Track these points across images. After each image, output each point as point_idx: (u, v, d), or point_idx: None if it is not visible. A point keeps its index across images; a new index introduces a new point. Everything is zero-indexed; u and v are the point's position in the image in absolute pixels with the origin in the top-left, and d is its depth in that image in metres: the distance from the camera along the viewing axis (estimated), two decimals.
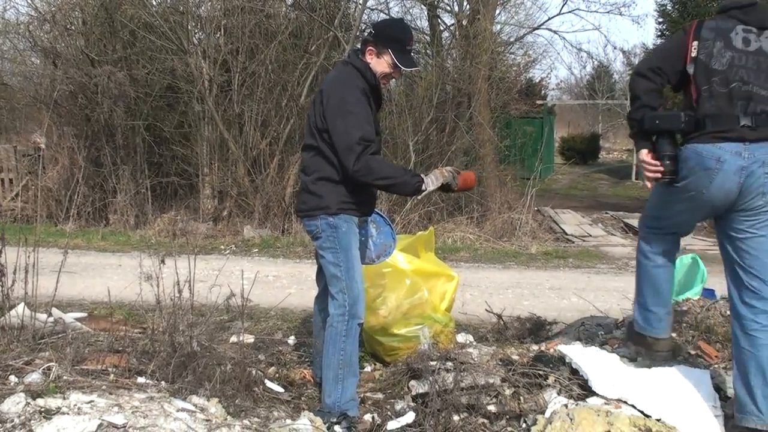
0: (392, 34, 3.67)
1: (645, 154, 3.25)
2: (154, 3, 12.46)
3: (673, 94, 3.48)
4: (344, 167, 3.46)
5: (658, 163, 3.19)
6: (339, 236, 3.57)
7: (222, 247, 9.96)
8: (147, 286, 3.81)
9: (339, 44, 11.84)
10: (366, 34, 3.74)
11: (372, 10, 14.28)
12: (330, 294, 3.65)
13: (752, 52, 3.10)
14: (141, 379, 3.29)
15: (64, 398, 2.78)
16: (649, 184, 3.34)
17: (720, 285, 6.96)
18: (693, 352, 3.79)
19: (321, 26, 11.83)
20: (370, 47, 3.63)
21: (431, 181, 3.57)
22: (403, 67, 3.63)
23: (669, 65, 3.23)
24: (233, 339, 4.73)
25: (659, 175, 3.20)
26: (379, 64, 3.63)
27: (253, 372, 3.94)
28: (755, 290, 3.11)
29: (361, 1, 12.81)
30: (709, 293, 5.03)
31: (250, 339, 5.01)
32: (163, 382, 3.30)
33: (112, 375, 3.25)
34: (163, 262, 3.96)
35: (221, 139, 11.64)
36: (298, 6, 12.63)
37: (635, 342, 3.61)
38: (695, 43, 3.15)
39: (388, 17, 13.37)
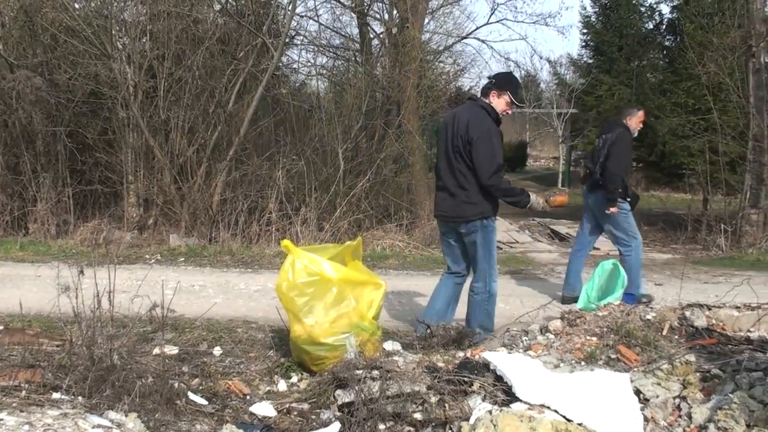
0: (510, 81, 5.18)
1: None
2: (77, 6, 12.10)
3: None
4: (479, 178, 4.88)
5: None
6: (488, 235, 5.04)
7: (147, 256, 9.72)
8: (65, 298, 3.69)
9: (267, 51, 11.74)
10: (488, 81, 5.22)
11: (301, 17, 14.26)
12: (476, 274, 5.18)
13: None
14: (56, 395, 3.17)
15: None
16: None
17: (645, 289, 7.19)
18: (613, 356, 3.87)
19: (249, 32, 11.71)
20: (494, 91, 5.06)
21: (535, 200, 5.23)
22: (517, 103, 5.10)
23: None
24: (156, 351, 4.62)
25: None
26: (499, 103, 5.06)
27: (176, 384, 3.84)
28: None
29: (290, 8, 12.76)
30: (629, 298, 5.17)
31: (173, 350, 4.89)
32: (79, 398, 3.19)
33: (24, 391, 3.13)
34: (81, 272, 3.85)
35: (147, 146, 11.37)
36: (226, 12, 12.48)
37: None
38: None
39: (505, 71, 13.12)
